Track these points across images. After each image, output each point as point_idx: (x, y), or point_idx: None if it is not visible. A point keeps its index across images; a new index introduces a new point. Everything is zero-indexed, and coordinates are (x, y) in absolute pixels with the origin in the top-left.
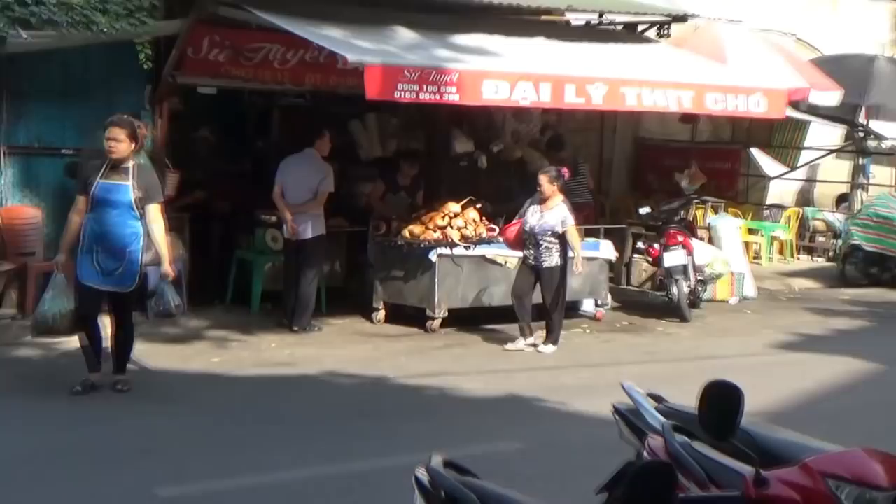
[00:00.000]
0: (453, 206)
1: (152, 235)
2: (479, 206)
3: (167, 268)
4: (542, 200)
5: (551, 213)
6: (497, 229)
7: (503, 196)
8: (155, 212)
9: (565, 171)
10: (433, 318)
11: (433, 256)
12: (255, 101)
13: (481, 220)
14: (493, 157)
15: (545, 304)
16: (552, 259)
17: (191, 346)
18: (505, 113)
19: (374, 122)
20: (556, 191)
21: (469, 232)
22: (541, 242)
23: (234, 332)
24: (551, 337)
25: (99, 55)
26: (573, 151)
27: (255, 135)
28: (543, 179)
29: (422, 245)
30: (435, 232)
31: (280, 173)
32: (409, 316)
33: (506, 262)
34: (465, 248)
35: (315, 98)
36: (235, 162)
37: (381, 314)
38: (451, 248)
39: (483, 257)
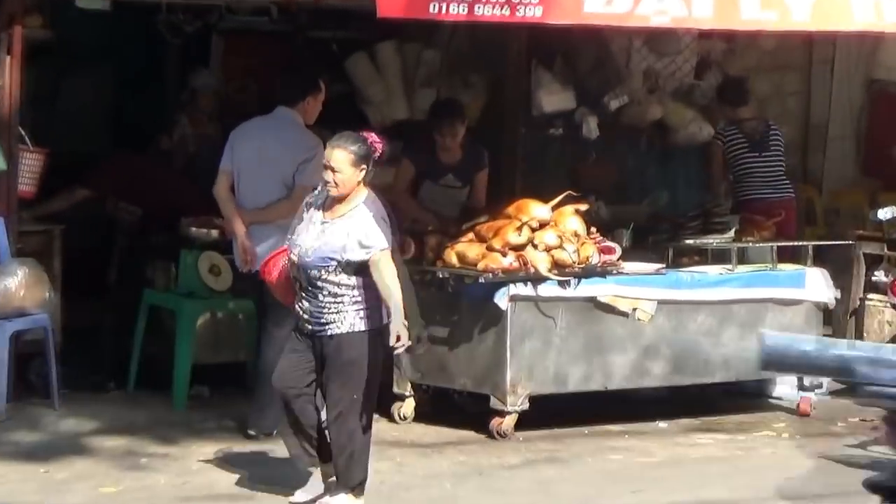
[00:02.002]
0: (538, 209)
1: None
2: (584, 207)
3: None
4: (331, 201)
5: (342, 224)
6: (617, 249)
7: (630, 189)
8: None
9: (376, 140)
10: (503, 414)
11: (502, 300)
12: (180, 22)
13: (589, 233)
14: (610, 120)
15: (328, 413)
16: (343, 320)
17: (67, 465)
18: (630, 40)
19: (394, 60)
20: (359, 182)
21: (567, 255)
22: (318, 285)
23: (143, 438)
24: (345, 480)
25: None
26: (758, 108)
27: (178, 84)
28: (338, 158)
29: (481, 280)
30: (505, 256)
31: (229, 153)
32: (459, 409)
33: (635, 310)
34: (562, 284)
35: (288, 17)
36: (143, 131)
37: (409, 406)
38: (536, 286)
39: (594, 301)
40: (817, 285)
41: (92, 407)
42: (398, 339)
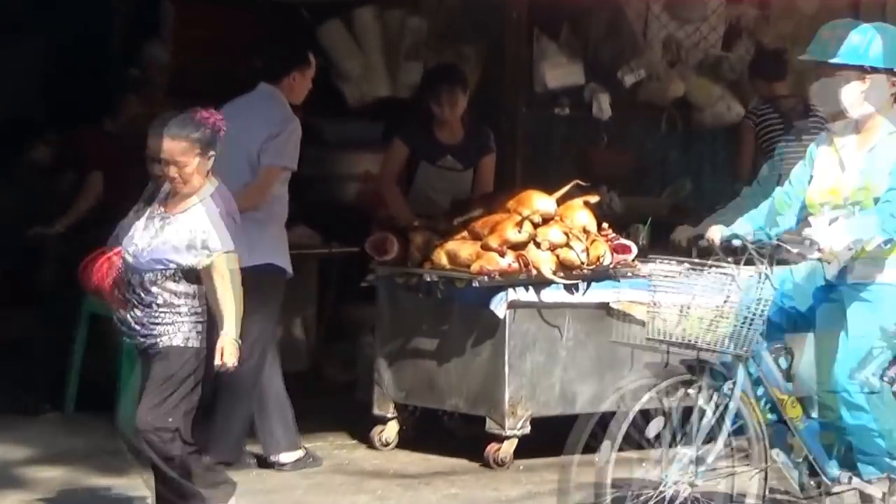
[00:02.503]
0: (541, 201)
1: None
2: (594, 199)
3: None
4: (173, 194)
5: (184, 220)
6: (633, 247)
7: (648, 178)
8: None
9: (218, 118)
10: (501, 439)
11: (499, 307)
12: None
13: (600, 229)
14: (625, 97)
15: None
16: (176, 332)
17: None
18: (648, 5)
19: (374, 28)
20: (204, 172)
21: (574, 255)
22: (153, 291)
23: (83, 468)
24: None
25: None
26: (795, 84)
27: (124, 57)
28: (178, 149)
29: (476, 284)
30: (503, 256)
31: None
32: (450, 434)
33: (654, 320)
34: (568, 288)
35: None
36: (83, 110)
37: (392, 430)
38: (539, 291)
39: (606, 307)
40: None
41: (24, 431)
42: (223, 356)
